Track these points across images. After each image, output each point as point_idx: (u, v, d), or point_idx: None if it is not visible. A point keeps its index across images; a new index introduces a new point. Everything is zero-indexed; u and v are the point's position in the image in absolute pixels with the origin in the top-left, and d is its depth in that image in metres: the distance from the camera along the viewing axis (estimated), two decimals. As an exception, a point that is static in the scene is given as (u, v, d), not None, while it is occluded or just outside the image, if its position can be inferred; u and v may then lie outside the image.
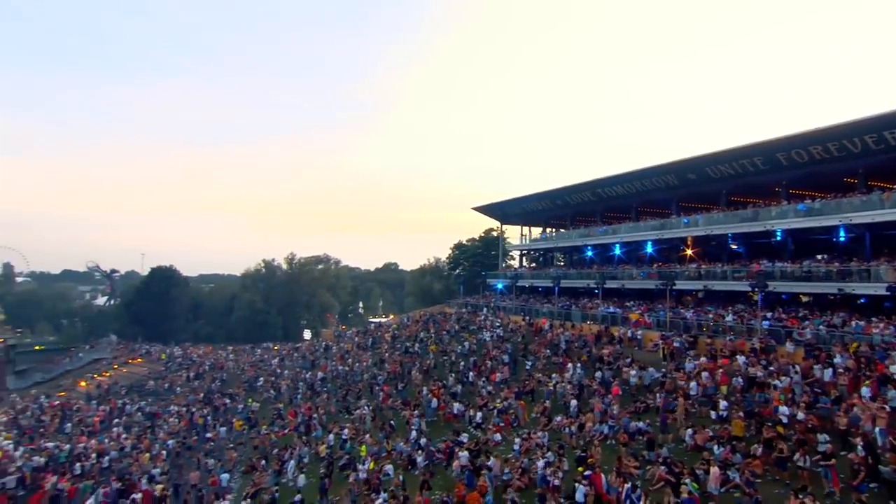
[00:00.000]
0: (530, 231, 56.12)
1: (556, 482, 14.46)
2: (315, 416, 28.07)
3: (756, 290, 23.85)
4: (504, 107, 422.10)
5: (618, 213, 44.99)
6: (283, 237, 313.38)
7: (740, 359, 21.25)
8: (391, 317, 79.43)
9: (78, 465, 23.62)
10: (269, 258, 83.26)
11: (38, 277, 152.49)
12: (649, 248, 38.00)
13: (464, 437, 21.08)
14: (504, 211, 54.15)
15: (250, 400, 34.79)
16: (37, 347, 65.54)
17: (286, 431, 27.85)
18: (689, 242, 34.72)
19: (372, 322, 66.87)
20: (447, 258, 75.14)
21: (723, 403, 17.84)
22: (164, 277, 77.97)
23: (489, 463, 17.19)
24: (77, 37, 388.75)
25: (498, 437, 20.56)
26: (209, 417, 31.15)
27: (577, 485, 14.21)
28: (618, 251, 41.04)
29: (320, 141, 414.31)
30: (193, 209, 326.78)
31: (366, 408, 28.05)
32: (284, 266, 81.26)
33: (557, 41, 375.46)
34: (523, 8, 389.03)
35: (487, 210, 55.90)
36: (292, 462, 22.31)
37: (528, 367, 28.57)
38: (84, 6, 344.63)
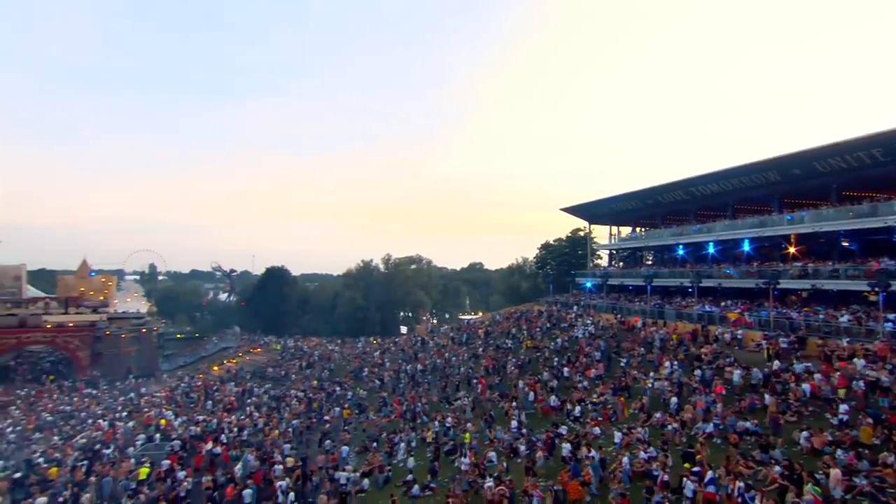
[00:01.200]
0: (619, 230, 54.51)
1: (666, 477, 14.16)
2: (419, 404, 29.22)
3: (876, 289, 21.63)
4: (587, 107, 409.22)
5: (712, 212, 42.52)
6: (377, 239, 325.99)
7: (858, 362, 19.47)
8: (480, 314, 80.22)
9: (223, 435, 26.37)
10: (367, 259, 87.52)
11: (172, 276, 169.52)
12: (746, 247, 35.65)
13: (563, 430, 21.11)
14: (592, 211, 52.92)
15: (358, 388, 36.80)
16: (178, 336, 73.27)
17: (392, 418, 29.22)
18: (792, 240, 32.13)
19: (463, 319, 67.86)
20: (534, 258, 74.67)
21: (842, 407, 16.49)
22: (276, 276, 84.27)
23: (591, 454, 17.15)
24: (197, 67, 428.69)
25: (597, 430, 20.39)
26: (324, 402, 33.41)
27: (685, 480, 13.83)
28: (711, 249, 38.80)
29: (410, 149, 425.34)
30: (296, 215, 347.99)
31: (465, 399, 28.88)
32: (381, 266, 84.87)
33: (640, 39, 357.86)
34: (604, 7, 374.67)
35: (576, 211, 54.90)
36: (402, 445, 23.41)
37: (622, 364, 27.95)
38: (199, 37, 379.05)
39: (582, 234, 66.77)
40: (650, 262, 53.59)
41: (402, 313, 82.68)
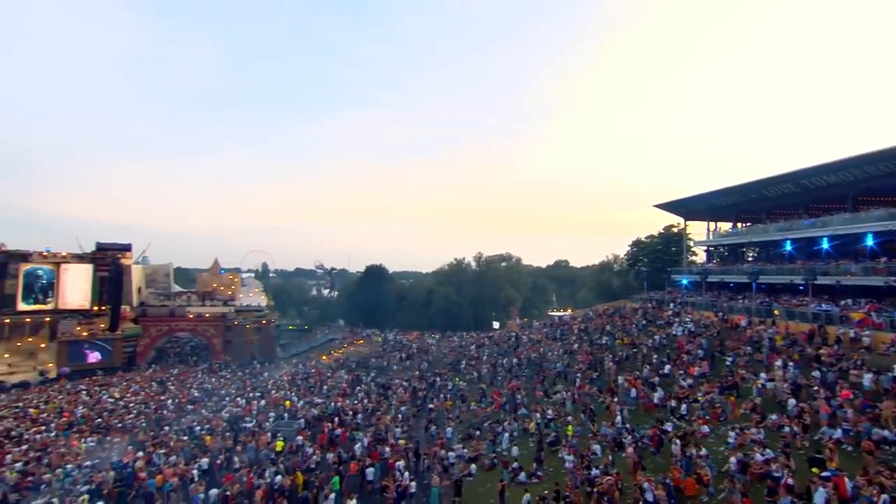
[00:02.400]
0: (717, 226, 50.98)
1: (790, 481, 13.31)
2: (519, 396, 29.49)
3: None
4: (674, 102, 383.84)
5: (826, 204, 38.50)
6: (463, 239, 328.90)
7: None
8: (569, 311, 78.74)
9: (336, 418, 28.34)
10: (459, 257, 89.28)
11: (280, 274, 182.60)
12: (870, 241, 31.94)
13: (668, 426, 20.41)
14: (688, 207, 49.91)
15: (457, 379, 37.77)
16: (290, 327, 79.07)
17: (492, 408, 29.74)
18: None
19: (555, 315, 66.99)
20: (625, 255, 71.98)
21: None
22: (375, 274, 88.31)
23: (702, 452, 16.50)
24: (298, 85, 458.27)
25: (706, 428, 19.48)
26: (428, 392, 34.72)
27: (814, 486, 12.91)
28: (825, 245, 35.18)
29: (493, 151, 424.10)
30: (388, 216, 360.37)
31: (563, 393, 28.74)
32: (473, 264, 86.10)
33: (732, 30, 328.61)
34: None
35: (670, 207, 52.11)
36: (506, 435, 23.84)
37: (727, 363, 26.34)
38: (300, 58, 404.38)
39: (675, 230, 63.49)
40: (751, 259, 49.69)
41: (494, 309, 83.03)
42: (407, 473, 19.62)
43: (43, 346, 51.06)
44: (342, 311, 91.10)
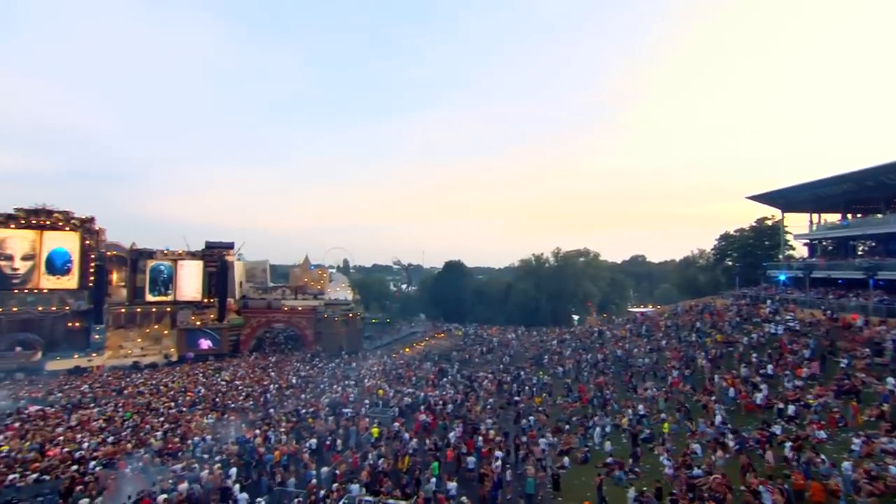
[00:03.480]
0: (822, 218, 46.55)
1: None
2: (607, 392, 28.87)
3: None
4: (768, 86, 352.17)
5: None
6: (536, 234, 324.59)
7: None
8: (650, 306, 75.47)
9: (424, 406, 29.23)
10: (537, 252, 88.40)
11: (358, 270, 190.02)
12: None
13: (776, 429, 19.13)
14: (787, 198, 45.85)
15: (541, 373, 37.57)
16: (373, 321, 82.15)
17: (579, 403, 29.32)
18: None
19: (637, 311, 64.56)
20: (711, 249, 67.68)
21: None
22: (454, 269, 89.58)
23: (820, 458, 15.33)
24: (373, 90, 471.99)
25: (822, 434, 18.04)
26: (513, 385, 34.86)
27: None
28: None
29: (568, 146, 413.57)
30: (460, 213, 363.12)
31: (653, 389, 27.77)
32: (551, 259, 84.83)
33: (822, 15, 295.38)
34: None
35: (766, 198, 48.17)
36: (597, 430, 23.47)
37: (842, 366, 24.11)
38: (375, 63, 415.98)
39: (770, 223, 58.78)
40: (863, 253, 44.79)
41: (572, 305, 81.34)
42: (499, 463, 19.99)
43: (166, 332, 56.96)
44: (421, 305, 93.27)
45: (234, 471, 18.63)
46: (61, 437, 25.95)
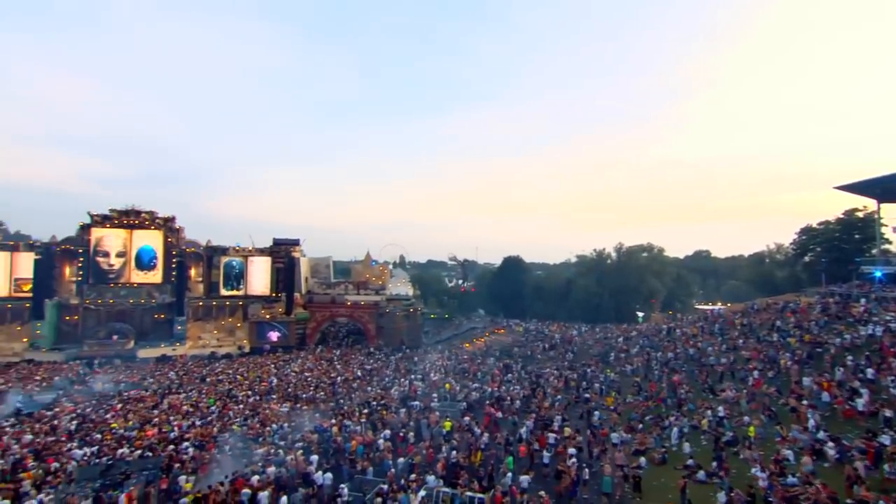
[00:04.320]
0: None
1: None
2: (682, 391, 27.74)
3: None
4: (851, 71, 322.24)
5: None
6: (591, 229, 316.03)
7: None
8: (719, 304, 71.73)
9: (491, 402, 29.20)
10: (599, 248, 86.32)
11: (412, 266, 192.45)
12: None
13: (884, 439, 17.61)
14: (885, 187, 41.73)
15: (608, 371, 36.63)
16: (431, 316, 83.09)
17: (652, 402, 28.33)
18: None
19: (707, 308, 61.53)
20: (790, 243, 63.25)
21: None
22: (513, 265, 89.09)
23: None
24: (423, 87, 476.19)
25: (939, 445, 16.46)
26: (580, 382, 34.23)
27: None
28: None
29: (628, 137, 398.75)
30: (513, 209, 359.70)
31: (732, 390, 26.37)
32: (614, 254, 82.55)
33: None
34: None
35: (858, 188, 44.12)
36: (675, 430, 22.61)
37: (954, 370, 21.89)
38: (423, 62, 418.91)
39: (861, 214, 54.13)
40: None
41: (636, 301, 78.71)
42: (574, 460, 19.71)
43: (239, 325, 60.34)
44: (478, 300, 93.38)
45: (315, 457, 19.48)
46: (156, 419, 28.19)
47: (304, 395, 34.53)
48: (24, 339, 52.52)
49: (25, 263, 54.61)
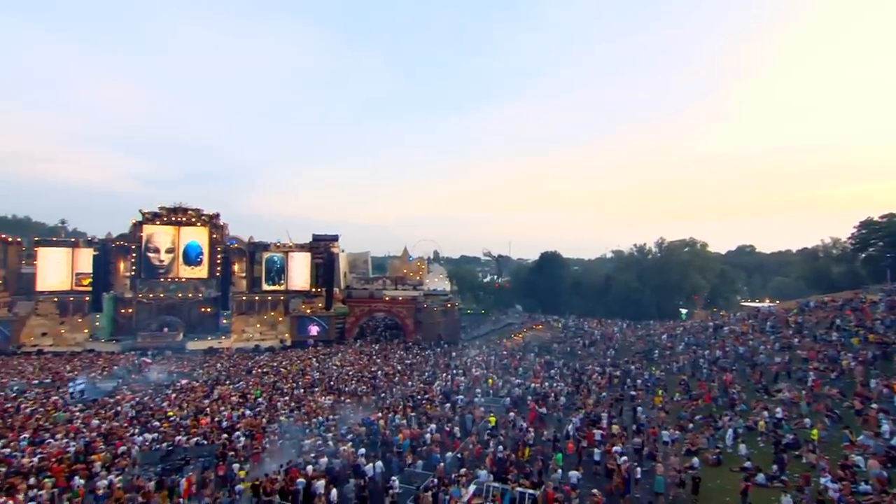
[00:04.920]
0: None
1: None
2: (734, 391, 26.79)
3: None
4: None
5: None
6: (628, 224, 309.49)
7: None
8: (766, 301, 68.85)
9: (535, 397, 28.95)
10: (639, 243, 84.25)
11: (446, 261, 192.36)
12: None
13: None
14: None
15: (653, 368, 35.76)
16: (468, 311, 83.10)
17: (702, 401, 27.47)
18: None
19: (753, 305, 59.21)
20: (849, 238, 60.03)
21: None
22: (550, 260, 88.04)
23: None
24: (454, 82, 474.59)
25: None
26: (624, 379, 33.55)
27: None
28: None
29: (666, 130, 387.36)
30: (549, 204, 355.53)
31: (788, 392, 25.27)
32: (654, 249, 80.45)
33: None
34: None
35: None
36: (729, 431, 21.87)
37: None
38: (454, 57, 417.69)
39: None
40: None
41: (678, 298, 76.43)
42: (626, 458, 19.34)
43: (280, 319, 61.96)
44: (514, 296, 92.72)
45: (363, 450, 19.80)
46: (208, 408, 29.26)
47: (346, 389, 35.10)
48: (86, 330, 55.53)
49: (85, 259, 57.73)
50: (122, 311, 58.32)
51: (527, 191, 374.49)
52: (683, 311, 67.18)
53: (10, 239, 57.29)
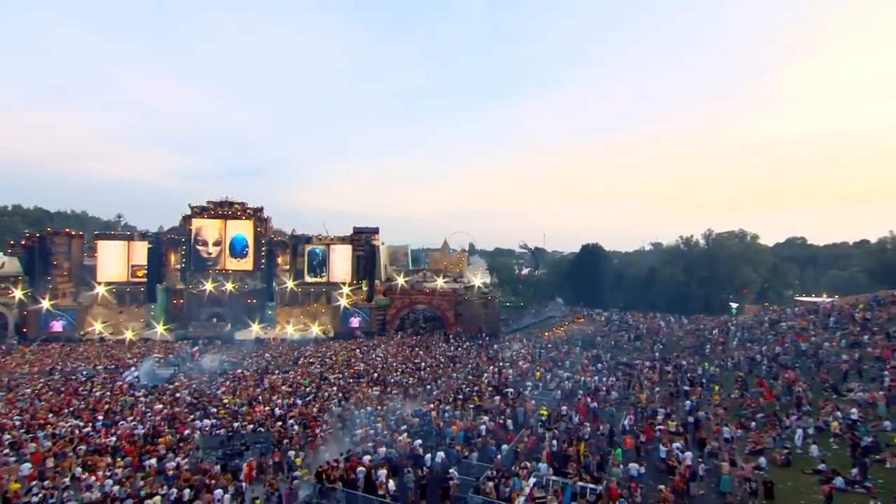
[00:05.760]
0: None
1: None
2: (799, 389, 25.54)
3: None
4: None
5: None
6: (666, 216, 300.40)
7: None
8: (824, 295, 65.39)
9: (586, 391, 28.48)
10: (686, 235, 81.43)
11: (481, 254, 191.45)
12: None
13: None
14: None
15: (707, 364, 34.55)
16: (507, 304, 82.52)
17: (763, 399, 26.36)
18: None
19: (811, 300, 56.40)
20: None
21: None
22: (591, 253, 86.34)
23: None
24: (489, 71, 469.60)
25: None
26: (676, 374, 32.57)
27: None
28: None
29: (711, 116, 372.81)
30: (582, 196, 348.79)
31: (861, 391, 23.89)
32: (702, 242, 77.61)
33: None
34: None
35: None
36: (798, 431, 20.86)
37: None
38: (496, 48, 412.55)
39: None
40: None
41: (727, 291, 73.59)
42: (689, 454, 18.78)
43: (323, 311, 63.17)
44: (553, 289, 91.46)
45: (419, 441, 19.93)
46: (260, 397, 30.15)
47: (391, 380, 35.44)
48: (141, 320, 58.22)
49: (139, 252, 60.46)
50: (174, 301, 60.77)
51: (562, 183, 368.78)
52: (734, 305, 64.58)
53: (73, 233, 60.56)
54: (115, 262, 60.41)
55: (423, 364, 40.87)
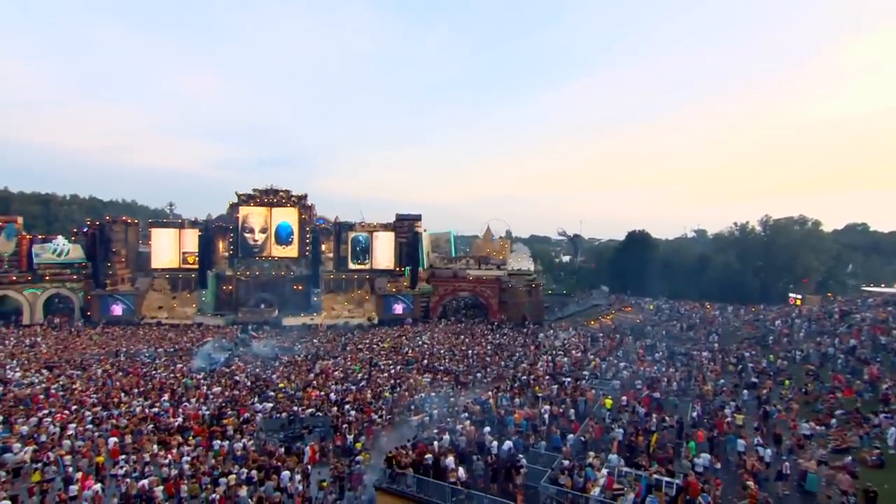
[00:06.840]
0: None
1: None
2: (885, 386, 23.94)
3: None
4: None
5: None
6: (711, 202, 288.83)
7: None
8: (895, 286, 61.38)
9: (645, 382, 27.54)
10: (741, 221, 78.04)
11: (518, 241, 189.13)
12: None
13: None
14: None
15: (771, 357, 32.93)
16: (549, 292, 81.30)
17: (841, 394, 24.87)
18: None
19: (883, 291, 52.93)
20: None
21: None
22: (637, 240, 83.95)
23: None
24: (522, 62, 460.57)
25: None
26: (738, 366, 31.22)
27: None
28: None
29: (756, 98, 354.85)
30: (620, 182, 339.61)
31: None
32: (758, 228, 74.13)
33: None
34: None
35: None
36: (891, 430, 19.49)
37: None
38: (524, 32, 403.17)
39: None
40: None
41: (785, 280, 70.14)
42: (769, 451, 17.92)
43: (367, 297, 63.89)
44: (593, 276, 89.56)
45: (488, 428, 19.76)
46: (314, 382, 30.65)
47: (440, 367, 35.40)
48: (193, 305, 60.44)
49: (189, 239, 62.57)
50: (224, 287, 62.66)
51: (599, 169, 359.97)
52: (797, 295, 61.41)
53: (129, 220, 63.17)
54: (167, 249, 62.74)
55: (470, 352, 40.69)
